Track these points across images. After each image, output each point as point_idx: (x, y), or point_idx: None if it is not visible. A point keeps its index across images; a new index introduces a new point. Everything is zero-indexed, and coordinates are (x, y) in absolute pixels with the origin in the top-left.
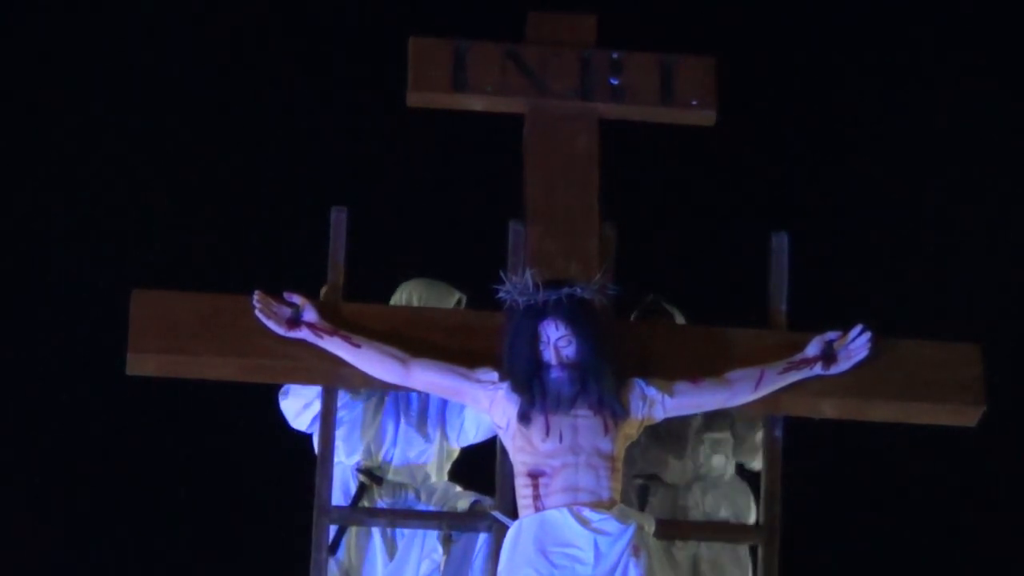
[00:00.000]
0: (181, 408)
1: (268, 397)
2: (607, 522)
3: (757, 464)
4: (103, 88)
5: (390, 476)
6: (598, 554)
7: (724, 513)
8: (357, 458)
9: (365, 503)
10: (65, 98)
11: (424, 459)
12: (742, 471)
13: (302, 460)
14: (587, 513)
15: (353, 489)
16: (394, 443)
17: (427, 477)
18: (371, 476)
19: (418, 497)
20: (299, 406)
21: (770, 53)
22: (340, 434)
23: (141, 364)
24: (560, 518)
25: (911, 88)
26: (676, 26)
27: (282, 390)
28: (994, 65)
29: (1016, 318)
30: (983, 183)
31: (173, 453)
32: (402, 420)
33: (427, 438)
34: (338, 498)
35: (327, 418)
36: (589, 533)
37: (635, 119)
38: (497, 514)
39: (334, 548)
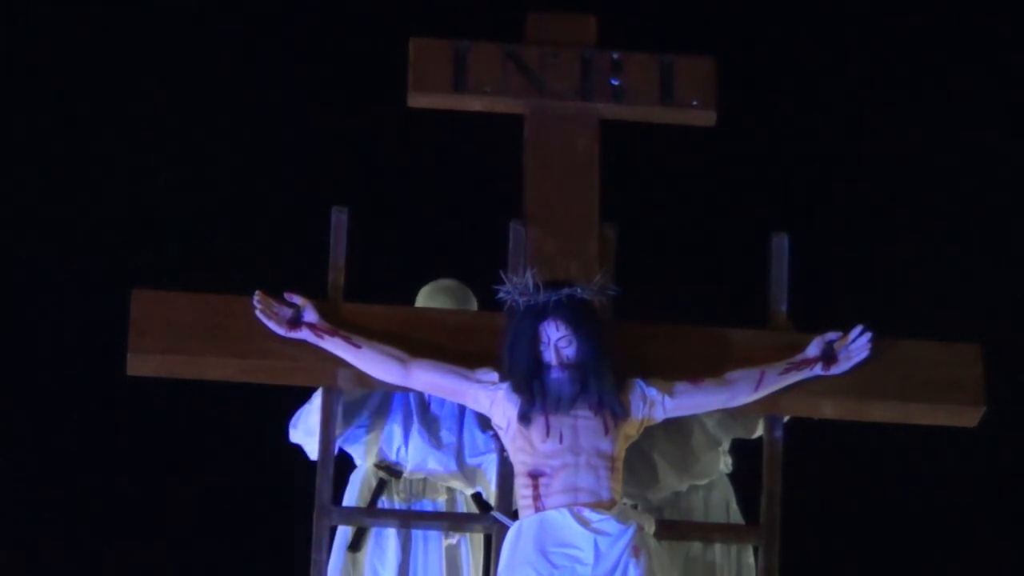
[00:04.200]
0: (181, 408)
1: (268, 397)
2: (607, 522)
3: (758, 432)
4: (103, 87)
5: (408, 474)
6: (598, 554)
7: (733, 507)
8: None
9: (384, 499)
10: (66, 97)
11: (441, 468)
12: (740, 468)
13: (303, 460)
14: (587, 513)
15: (374, 484)
16: (405, 444)
17: (451, 474)
18: (389, 471)
19: (441, 492)
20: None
21: (770, 53)
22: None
23: (141, 364)
24: (560, 518)
25: (912, 88)
26: (676, 26)
27: (292, 422)
28: (995, 66)
29: (1017, 318)
30: (984, 183)
31: (173, 453)
32: (415, 421)
33: (440, 444)
34: (358, 499)
35: (327, 418)
36: (589, 533)
37: (635, 119)
38: (497, 514)
39: (356, 545)
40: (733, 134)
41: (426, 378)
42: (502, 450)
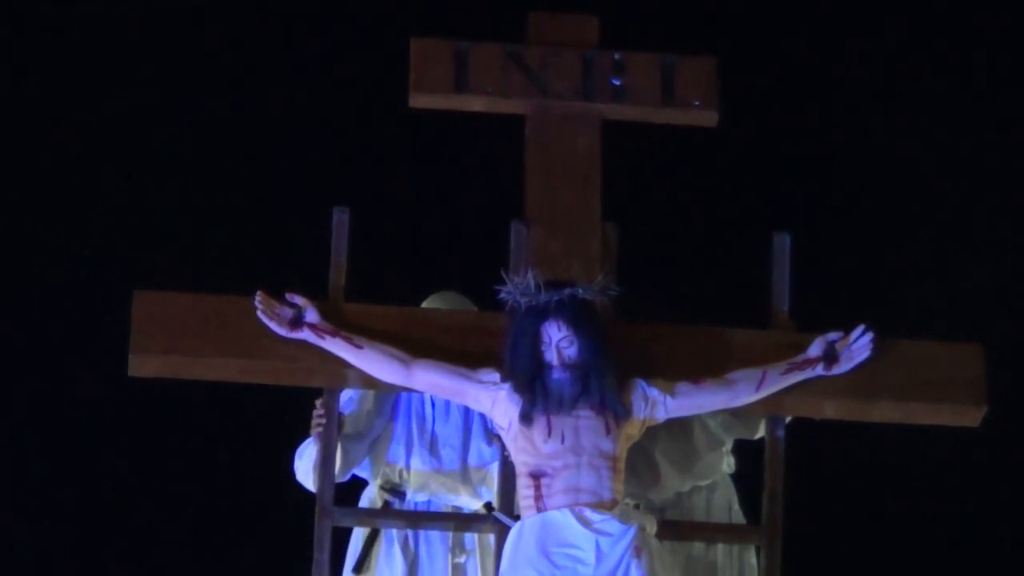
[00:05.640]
0: (182, 409)
1: (269, 397)
2: (609, 523)
3: (760, 432)
4: (105, 88)
5: (411, 496)
6: (600, 555)
7: (735, 507)
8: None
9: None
10: (67, 98)
11: (444, 489)
12: (742, 469)
13: None
14: (589, 514)
15: (380, 505)
16: (407, 465)
17: (455, 492)
18: (394, 492)
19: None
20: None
21: (772, 53)
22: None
23: (143, 365)
24: (562, 519)
25: (913, 88)
26: (678, 26)
27: (298, 453)
28: (996, 66)
29: (1018, 317)
30: (984, 182)
31: (173, 453)
32: (416, 440)
33: (441, 463)
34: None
35: (328, 418)
36: (591, 534)
37: (637, 120)
38: (499, 514)
39: (360, 567)
40: (734, 134)
41: (428, 378)
42: (503, 450)
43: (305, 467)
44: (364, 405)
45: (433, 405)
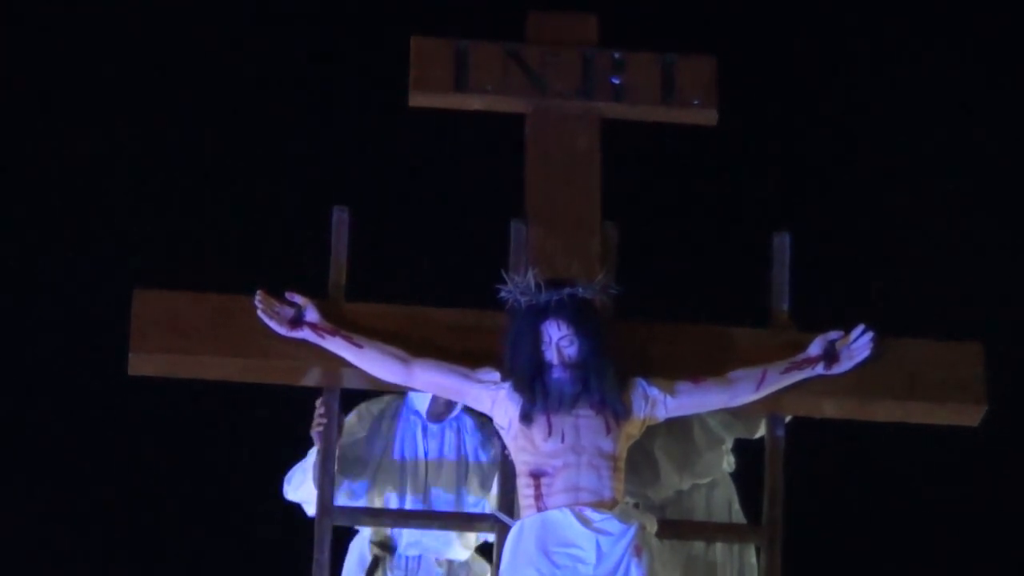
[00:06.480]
0: (182, 408)
1: (269, 397)
2: (609, 522)
3: (760, 432)
4: (104, 86)
5: (402, 549)
6: (600, 554)
7: (735, 506)
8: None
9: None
10: (66, 96)
11: (436, 544)
12: (742, 468)
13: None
14: (589, 513)
15: (369, 560)
16: (400, 508)
17: (448, 544)
18: (383, 547)
19: (439, 565)
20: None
21: (772, 52)
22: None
23: (143, 364)
24: (562, 518)
25: (913, 87)
26: (677, 25)
27: (287, 478)
28: (997, 67)
29: (1018, 317)
30: (985, 182)
31: (174, 452)
32: (408, 491)
33: (433, 508)
34: (355, 570)
35: (329, 417)
36: (591, 533)
37: (636, 118)
38: (499, 514)
39: None
40: (735, 133)
41: (428, 377)
42: (504, 449)
43: (298, 481)
44: (354, 449)
45: (426, 454)
